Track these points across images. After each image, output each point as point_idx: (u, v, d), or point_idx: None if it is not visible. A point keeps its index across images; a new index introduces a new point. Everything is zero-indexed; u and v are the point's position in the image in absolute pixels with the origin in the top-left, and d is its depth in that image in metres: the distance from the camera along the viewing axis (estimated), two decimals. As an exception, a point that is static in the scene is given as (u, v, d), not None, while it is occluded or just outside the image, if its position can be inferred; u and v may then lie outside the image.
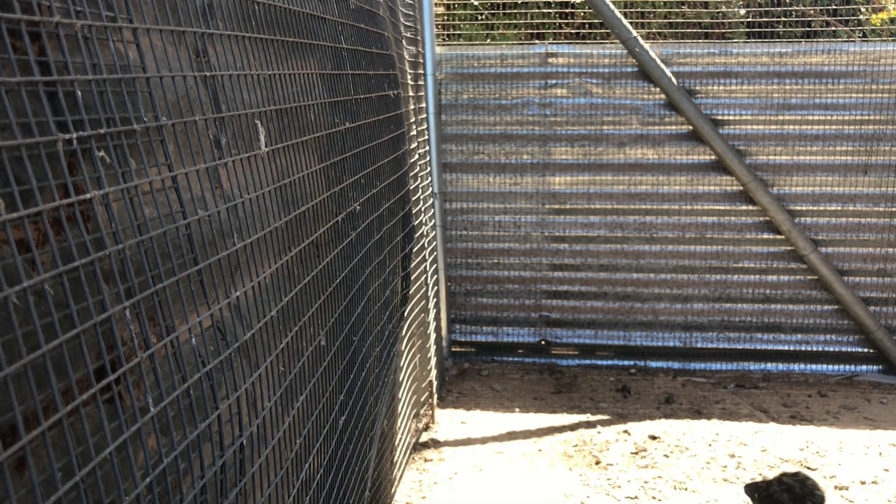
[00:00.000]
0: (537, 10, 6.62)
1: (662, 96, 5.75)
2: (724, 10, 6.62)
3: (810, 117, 5.71)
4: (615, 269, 6.00)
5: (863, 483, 4.23)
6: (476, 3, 6.68)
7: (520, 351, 6.17)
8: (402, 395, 4.12)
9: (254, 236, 1.75)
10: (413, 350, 4.54)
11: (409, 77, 4.66)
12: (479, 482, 4.33)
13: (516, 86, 5.94)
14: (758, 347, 5.95)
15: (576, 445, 4.72)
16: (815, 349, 5.92)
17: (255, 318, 1.73)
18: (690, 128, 5.76)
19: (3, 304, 0.99)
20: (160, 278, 1.35)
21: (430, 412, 5.09)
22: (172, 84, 1.50)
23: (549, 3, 6.67)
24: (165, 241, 1.40)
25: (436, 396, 5.22)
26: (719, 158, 5.72)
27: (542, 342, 6.15)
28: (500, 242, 6.10)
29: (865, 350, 5.87)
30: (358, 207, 2.81)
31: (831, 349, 5.90)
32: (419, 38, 5.31)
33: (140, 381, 1.27)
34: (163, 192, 1.42)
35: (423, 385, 4.96)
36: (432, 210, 5.44)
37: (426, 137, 5.30)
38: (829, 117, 5.70)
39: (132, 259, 1.28)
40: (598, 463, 4.48)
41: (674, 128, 5.81)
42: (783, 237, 5.78)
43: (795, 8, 6.09)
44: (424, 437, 4.87)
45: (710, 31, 6.44)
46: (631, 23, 5.76)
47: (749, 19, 6.54)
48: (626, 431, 4.87)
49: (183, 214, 1.46)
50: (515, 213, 6.05)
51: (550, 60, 5.89)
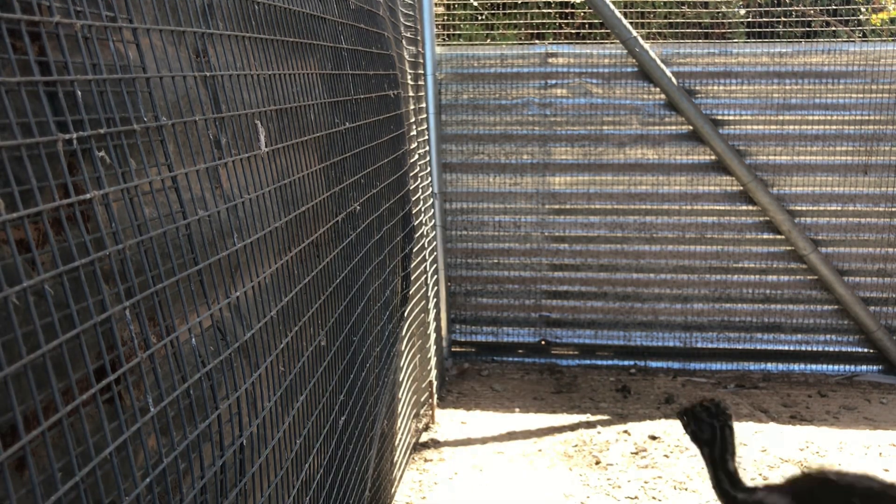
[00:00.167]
0: (537, 10, 6.62)
1: (662, 96, 5.75)
2: (724, 10, 6.62)
3: (810, 117, 5.71)
4: (615, 269, 6.00)
5: (863, 483, 4.22)
6: (476, 3, 6.68)
7: (520, 351, 6.17)
8: (402, 395, 4.12)
9: (254, 236, 1.75)
10: (413, 350, 4.54)
11: (409, 77, 4.66)
12: (479, 482, 4.33)
13: (516, 86, 5.94)
14: (758, 347, 5.95)
15: (576, 445, 4.72)
16: (815, 349, 5.91)
17: (255, 318, 1.73)
18: (690, 128, 5.76)
19: (3, 304, 0.99)
20: (160, 278, 1.35)
21: (430, 412, 5.09)
22: (172, 84, 1.50)
23: (549, 3, 6.67)
24: (165, 241, 1.40)
25: (436, 396, 5.21)
26: (719, 158, 5.72)
27: (542, 342, 6.15)
28: (500, 242, 6.10)
29: (865, 350, 5.87)
30: (358, 207, 2.81)
31: (831, 349, 5.90)
32: (419, 38, 5.31)
33: (140, 381, 1.27)
34: (163, 192, 1.42)
35: (423, 385, 4.96)
36: (432, 210, 5.44)
37: (426, 137, 5.30)
38: (829, 117, 5.69)
39: (132, 259, 1.28)
40: (598, 463, 4.48)
41: (674, 128, 5.81)
42: (783, 237, 5.78)
43: (795, 8, 6.09)
44: (424, 437, 4.87)
45: (710, 31, 6.44)
46: (631, 23, 5.76)
47: (749, 19, 6.53)
48: (626, 431, 4.87)
49: (183, 214, 1.46)
50: (515, 213, 6.05)
51: (550, 60, 5.89)
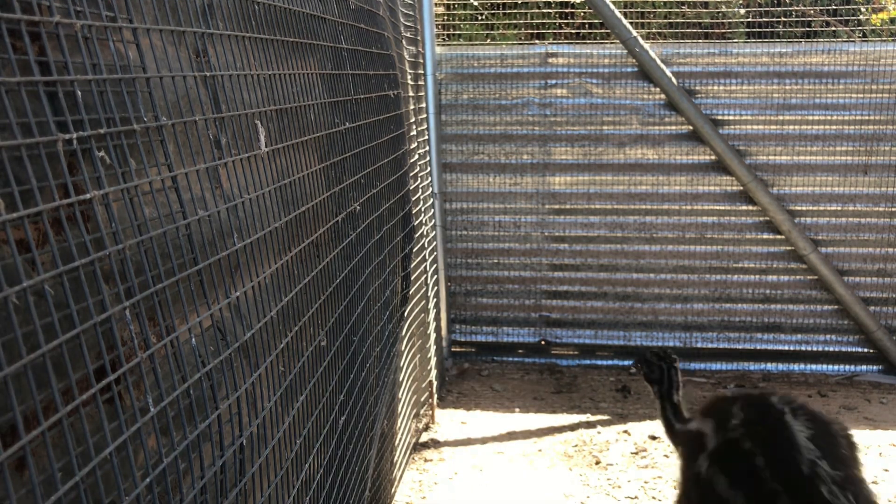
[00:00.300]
0: (537, 10, 6.62)
1: (662, 96, 5.75)
2: (724, 10, 6.62)
3: (810, 117, 5.71)
4: (615, 269, 5.99)
5: (863, 483, 4.22)
6: (476, 3, 6.68)
7: (520, 351, 6.17)
8: (402, 395, 4.12)
9: (254, 236, 1.75)
10: (413, 350, 4.54)
11: (409, 77, 4.66)
12: (479, 482, 4.33)
13: (516, 86, 5.93)
14: (758, 347, 5.95)
15: (576, 445, 4.72)
16: (815, 349, 5.91)
17: (255, 318, 1.73)
18: (690, 128, 5.75)
19: (3, 304, 0.99)
20: (160, 278, 1.35)
21: (430, 412, 5.09)
22: (172, 84, 1.50)
23: (549, 3, 6.67)
24: (165, 241, 1.40)
25: (436, 396, 5.21)
26: (719, 158, 5.72)
27: (542, 342, 6.15)
28: (500, 242, 6.10)
29: (865, 350, 5.86)
30: (358, 207, 2.81)
31: (831, 349, 5.90)
32: (419, 38, 5.31)
33: (140, 381, 1.27)
34: (163, 192, 1.42)
35: (423, 385, 4.96)
36: (432, 210, 5.44)
37: (426, 137, 5.30)
38: (829, 117, 5.69)
39: (132, 259, 1.28)
40: (598, 463, 4.48)
41: (674, 128, 5.81)
42: (783, 237, 5.78)
43: (795, 8, 6.09)
44: (424, 437, 4.87)
45: (710, 31, 6.44)
46: (631, 23, 5.76)
47: (749, 19, 6.53)
48: (626, 431, 4.87)
49: (183, 214, 1.46)
50: (515, 213, 6.05)
51: (550, 60, 5.89)
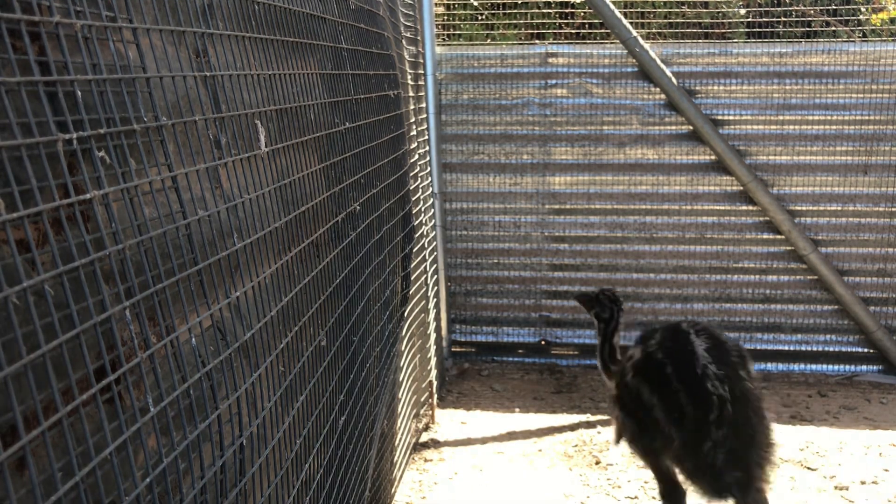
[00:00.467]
0: (537, 10, 6.62)
1: (662, 96, 5.75)
2: (724, 10, 6.62)
3: (810, 117, 5.71)
4: (615, 269, 5.99)
5: (863, 483, 4.22)
6: (476, 3, 6.68)
7: (520, 351, 6.17)
8: (402, 395, 4.12)
9: (254, 236, 1.75)
10: (413, 350, 4.54)
11: (409, 77, 4.66)
12: (479, 482, 4.33)
13: (516, 86, 5.93)
14: (758, 347, 5.95)
15: (576, 445, 4.72)
16: (815, 349, 5.91)
17: (255, 318, 1.73)
18: (690, 128, 5.75)
19: (3, 304, 0.99)
20: (160, 278, 1.35)
21: (430, 412, 5.09)
22: (172, 84, 1.50)
23: (549, 3, 6.67)
24: (165, 241, 1.40)
25: (436, 396, 5.21)
26: (719, 158, 5.72)
27: (542, 342, 6.15)
28: (500, 242, 6.10)
29: (865, 350, 5.86)
30: (358, 207, 2.81)
31: (831, 349, 5.90)
32: (419, 38, 5.31)
33: (140, 381, 1.27)
34: (163, 192, 1.42)
35: (423, 385, 4.96)
36: (432, 210, 5.44)
37: (426, 137, 5.30)
38: (829, 117, 5.69)
39: (132, 259, 1.28)
40: (598, 463, 4.48)
41: (674, 128, 5.81)
42: (783, 237, 5.78)
43: (795, 8, 6.09)
44: (424, 437, 4.87)
45: (710, 31, 6.44)
46: (631, 23, 5.76)
47: (749, 19, 6.53)
48: (626, 431, 4.87)
49: (183, 214, 1.46)
50: (515, 213, 6.05)
51: (550, 60, 5.89)
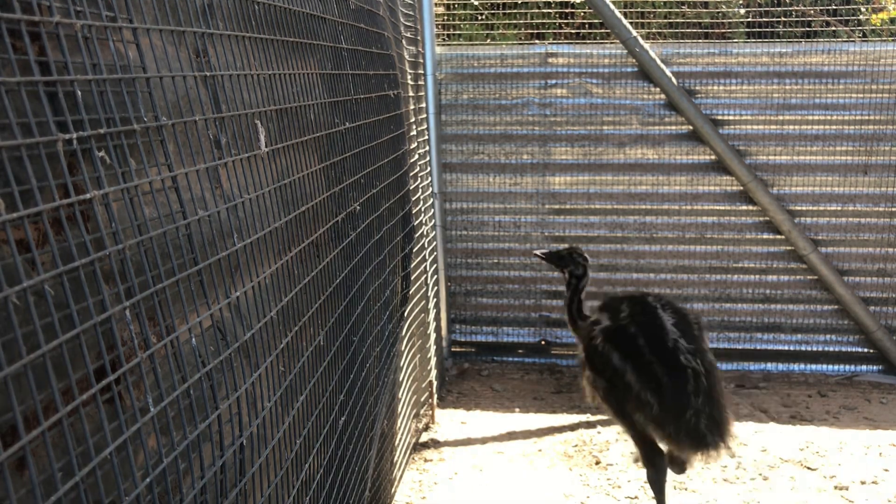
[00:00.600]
0: (537, 10, 6.61)
1: (662, 96, 5.75)
2: (724, 10, 6.62)
3: (810, 117, 5.71)
4: (615, 269, 5.99)
5: (863, 483, 4.22)
6: (476, 3, 6.68)
7: (520, 351, 6.17)
8: (402, 395, 4.12)
9: (254, 236, 1.75)
10: (413, 350, 4.54)
11: (409, 77, 4.66)
12: (479, 482, 4.33)
13: (516, 86, 5.93)
14: (758, 347, 5.95)
15: (576, 445, 4.72)
16: (815, 349, 5.91)
17: (255, 318, 1.73)
18: (690, 128, 5.75)
19: (3, 304, 0.99)
20: (160, 278, 1.35)
21: (430, 412, 5.09)
22: (172, 84, 1.50)
23: (549, 3, 6.67)
24: (165, 241, 1.40)
25: (436, 396, 5.21)
26: (719, 158, 5.72)
27: (542, 342, 6.15)
28: (500, 242, 6.09)
29: (865, 350, 5.86)
30: (358, 207, 2.81)
31: (831, 349, 5.90)
32: (419, 38, 5.31)
33: (140, 381, 1.27)
34: (163, 192, 1.42)
35: (423, 385, 4.96)
36: (432, 210, 5.44)
37: (426, 137, 5.30)
38: (829, 117, 5.69)
39: (132, 259, 1.28)
40: (598, 463, 4.48)
41: (674, 128, 5.81)
42: (783, 237, 5.78)
43: (795, 8, 6.09)
44: (424, 437, 4.87)
45: (710, 31, 6.43)
46: (631, 23, 5.76)
47: (749, 19, 6.53)
48: (626, 431, 4.87)
49: (183, 214, 1.46)
50: (515, 213, 6.04)
51: (550, 60, 5.89)
